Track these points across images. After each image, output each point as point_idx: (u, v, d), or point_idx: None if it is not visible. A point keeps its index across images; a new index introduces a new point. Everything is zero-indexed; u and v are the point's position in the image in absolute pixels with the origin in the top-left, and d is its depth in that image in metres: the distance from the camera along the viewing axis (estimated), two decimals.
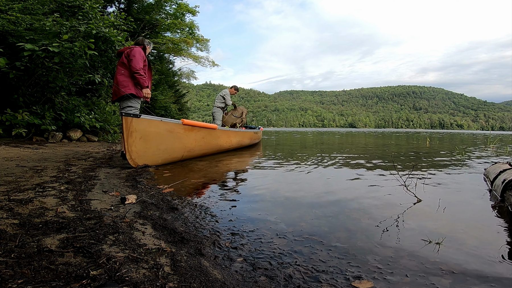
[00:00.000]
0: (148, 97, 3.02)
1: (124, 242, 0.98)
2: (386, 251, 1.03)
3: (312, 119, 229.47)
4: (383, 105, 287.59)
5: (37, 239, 0.94)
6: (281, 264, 0.92)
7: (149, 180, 2.15)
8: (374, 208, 1.57)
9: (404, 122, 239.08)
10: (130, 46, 2.97)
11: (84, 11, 4.73)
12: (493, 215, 1.48)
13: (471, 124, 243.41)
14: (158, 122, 2.76)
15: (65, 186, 1.74)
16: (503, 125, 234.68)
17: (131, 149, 2.55)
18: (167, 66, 17.00)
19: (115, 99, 2.90)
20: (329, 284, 0.81)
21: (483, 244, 1.12)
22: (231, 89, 5.80)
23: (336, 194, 1.90)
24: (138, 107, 2.97)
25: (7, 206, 1.27)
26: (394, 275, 0.87)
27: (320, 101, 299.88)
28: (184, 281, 0.76)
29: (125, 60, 2.86)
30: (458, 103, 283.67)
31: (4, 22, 4.19)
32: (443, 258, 0.98)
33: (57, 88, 5.10)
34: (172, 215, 1.35)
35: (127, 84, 2.83)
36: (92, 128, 5.95)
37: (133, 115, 2.51)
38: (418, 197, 1.76)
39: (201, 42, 16.29)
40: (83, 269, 0.77)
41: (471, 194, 1.96)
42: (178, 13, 13.57)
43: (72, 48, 4.07)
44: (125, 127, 2.48)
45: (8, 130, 4.54)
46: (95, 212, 1.29)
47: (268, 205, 1.61)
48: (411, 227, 1.28)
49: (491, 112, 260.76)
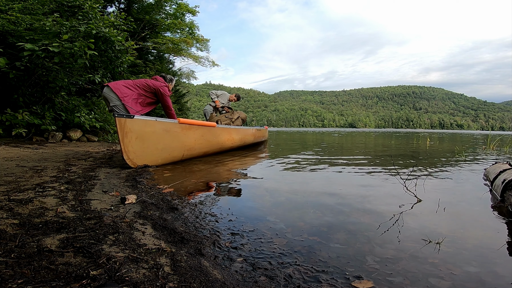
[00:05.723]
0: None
1: (124, 242, 0.98)
2: (386, 251, 1.03)
3: (312, 119, 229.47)
4: (383, 105, 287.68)
5: (37, 239, 0.94)
6: (281, 264, 0.92)
7: (149, 180, 2.15)
8: (374, 208, 1.57)
9: (404, 122, 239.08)
10: (158, 79, 3.25)
11: (84, 11, 4.73)
12: (493, 215, 1.48)
13: (471, 124, 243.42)
14: (154, 122, 2.75)
15: (65, 186, 1.74)
16: (503, 125, 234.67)
17: (127, 149, 2.54)
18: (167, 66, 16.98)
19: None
20: (329, 284, 0.81)
21: (483, 244, 1.12)
22: (232, 95, 5.73)
23: (336, 194, 1.90)
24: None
25: (7, 206, 1.27)
26: (394, 275, 0.87)
27: (320, 101, 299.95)
28: (184, 281, 0.76)
29: (150, 89, 3.10)
30: (458, 103, 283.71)
31: (4, 22, 4.19)
32: (443, 258, 0.98)
33: (57, 88, 5.09)
34: (172, 215, 1.35)
35: (133, 105, 2.98)
36: (92, 128, 5.95)
37: (126, 116, 2.50)
38: (418, 197, 1.76)
39: (201, 42, 16.27)
40: (83, 269, 0.77)
41: (471, 194, 1.96)
42: (178, 13, 13.56)
43: (72, 48, 4.07)
44: (119, 128, 2.46)
45: (8, 130, 4.54)
46: (95, 212, 1.29)
47: (268, 205, 1.61)
48: (411, 227, 1.28)
49: (491, 112, 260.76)
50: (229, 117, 5.39)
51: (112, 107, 2.88)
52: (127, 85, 3.00)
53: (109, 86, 2.91)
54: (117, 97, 2.87)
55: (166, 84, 3.25)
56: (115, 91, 2.87)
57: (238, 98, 5.81)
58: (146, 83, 3.10)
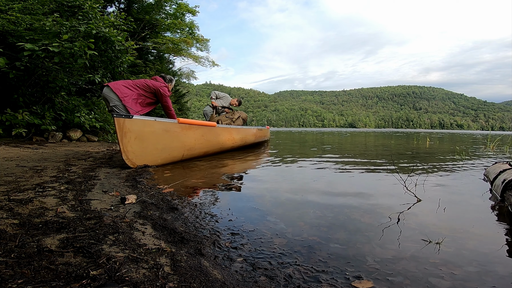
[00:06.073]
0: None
1: (124, 242, 0.98)
2: (386, 251, 1.03)
3: (312, 119, 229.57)
4: (383, 105, 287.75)
5: (37, 239, 0.94)
6: (281, 264, 0.92)
7: (149, 180, 2.15)
8: (374, 208, 1.57)
9: (404, 122, 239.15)
10: (158, 79, 3.25)
11: (84, 11, 4.73)
12: (493, 215, 1.48)
13: (471, 124, 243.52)
14: (153, 122, 2.75)
15: (65, 186, 1.74)
16: (503, 125, 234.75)
17: (126, 149, 2.54)
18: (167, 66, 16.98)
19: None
20: (329, 284, 0.81)
21: (483, 244, 1.12)
22: (233, 99, 5.69)
23: (336, 194, 1.90)
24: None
25: (7, 206, 1.27)
26: (394, 275, 0.87)
27: (320, 101, 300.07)
28: (184, 281, 0.76)
29: (150, 89, 3.12)
30: (458, 103, 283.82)
31: (4, 22, 4.19)
32: (443, 258, 0.98)
33: (57, 88, 5.10)
34: (172, 215, 1.35)
35: (133, 106, 2.99)
36: (92, 128, 5.95)
37: (125, 116, 2.50)
38: (418, 197, 1.76)
39: (201, 42, 16.27)
40: (83, 269, 0.76)
41: (471, 194, 1.96)
42: (178, 13, 13.56)
43: (72, 48, 4.07)
44: (118, 128, 2.46)
45: (8, 130, 4.54)
46: (95, 212, 1.29)
47: (268, 205, 1.61)
48: (411, 227, 1.28)
49: (491, 112, 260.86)
50: (229, 117, 5.37)
51: (112, 107, 2.88)
52: (127, 85, 3.00)
53: (109, 86, 2.91)
54: (117, 97, 2.87)
55: (165, 84, 3.25)
56: (115, 91, 2.87)
57: (239, 103, 5.77)
58: (146, 83, 3.11)
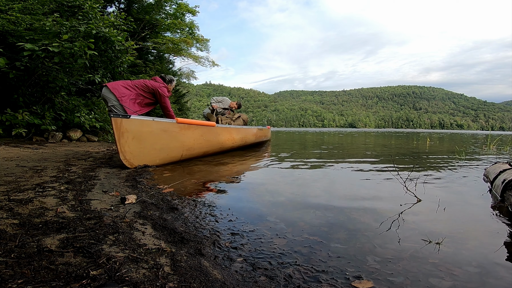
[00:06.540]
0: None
1: (124, 242, 0.98)
2: (386, 251, 1.03)
3: (312, 119, 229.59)
4: (383, 105, 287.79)
5: (37, 239, 0.94)
6: (281, 264, 0.92)
7: (149, 180, 2.15)
8: (374, 208, 1.57)
9: (404, 122, 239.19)
10: (157, 80, 3.25)
11: (84, 11, 4.73)
12: (493, 215, 1.48)
13: (471, 124, 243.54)
14: (151, 122, 2.74)
15: (65, 186, 1.74)
16: (503, 125, 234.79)
17: (124, 149, 2.53)
18: (167, 66, 16.98)
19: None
20: (329, 284, 0.81)
21: (483, 244, 1.12)
22: (233, 102, 5.65)
23: (336, 194, 1.90)
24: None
25: (7, 206, 1.27)
26: (394, 275, 0.87)
27: (320, 101, 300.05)
28: (184, 281, 0.76)
29: (149, 89, 3.12)
30: (458, 103, 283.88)
31: (4, 22, 4.19)
32: (443, 258, 0.98)
33: (57, 88, 5.10)
34: (172, 215, 1.35)
35: (131, 106, 2.99)
36: (92, 128, 5.95)
37: (122, 116, 2.49)
38: (418, 197, 1.76)
39: (201, 42, 16.28)
40: (83, 269, 0.77)
41: (471, 194, 1.96)
42: (178, 13, 13.57)
43: (72, 48, 4.07)
44: (115, 128, 2.45)
45: (8, 130, 4.54)
46: (95, 212, 1.29)
47: (268, 205, 1.61)
48: (411, 227, 1.28)
49: (491, 112, 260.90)
50: (229, 116, 5.35)
51: (110, 107, 2.88)
52: (126, 85, 3.01)
53: (107, 86, 2.91)
54: (115, 97, 2.87)
55: (164, 84, 3.25)
56: (113, 91, 2.87)
57: (239, 106, 5.71)
58: (145, 83, 3.11)
